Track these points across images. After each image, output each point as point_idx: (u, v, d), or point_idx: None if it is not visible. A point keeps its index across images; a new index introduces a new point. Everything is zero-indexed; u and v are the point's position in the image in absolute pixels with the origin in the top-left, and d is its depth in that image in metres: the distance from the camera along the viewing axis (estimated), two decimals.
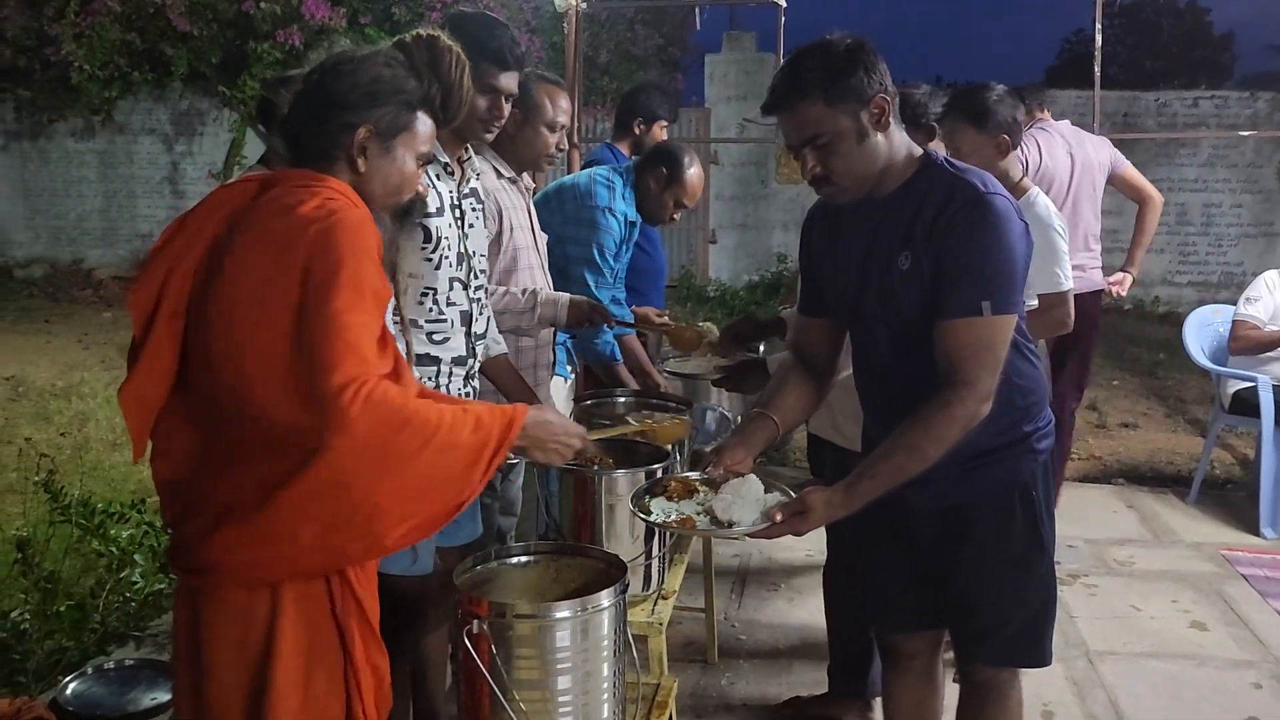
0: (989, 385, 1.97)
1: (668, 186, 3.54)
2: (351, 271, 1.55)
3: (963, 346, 1.97)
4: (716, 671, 3.54)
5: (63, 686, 2.46)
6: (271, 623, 1.61)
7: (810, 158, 2.01)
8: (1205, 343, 5.43)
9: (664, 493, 2.11)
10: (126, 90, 10.91)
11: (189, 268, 1.65)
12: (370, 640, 1.72)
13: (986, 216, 1.96)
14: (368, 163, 1.73)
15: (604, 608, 1.83)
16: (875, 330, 2.15)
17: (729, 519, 1.97)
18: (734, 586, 4.23)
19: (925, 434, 1.96)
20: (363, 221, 1.62)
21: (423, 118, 1.80)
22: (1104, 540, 4.72)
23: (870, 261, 2.09)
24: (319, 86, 1.73)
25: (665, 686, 2.31)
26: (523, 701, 1.78)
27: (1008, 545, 2.19)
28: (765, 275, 11.42)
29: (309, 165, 1.72)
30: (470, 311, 2.44)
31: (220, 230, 1.65)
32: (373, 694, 1.72)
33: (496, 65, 2.44)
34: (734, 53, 11.96)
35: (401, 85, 1.76)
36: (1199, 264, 10.99)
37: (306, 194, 1.63)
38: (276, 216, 1.61)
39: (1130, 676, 3.51)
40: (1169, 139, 10.72)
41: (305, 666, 1.63)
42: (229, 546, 1.59)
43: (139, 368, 1.64)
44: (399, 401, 1.53)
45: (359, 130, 1.71)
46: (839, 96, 1.95)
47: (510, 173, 2.90)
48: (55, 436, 5.95)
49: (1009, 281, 1.99)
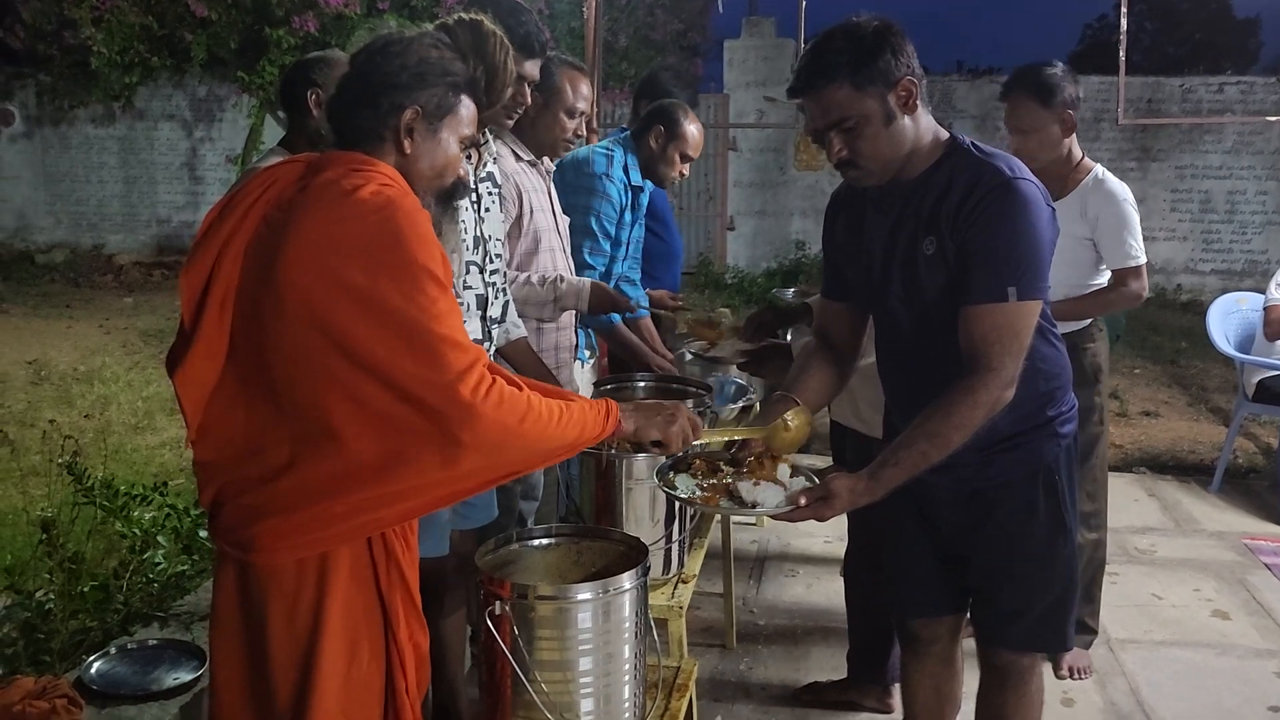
0: (1013, 371, 1.96)
1: (669, 142, 3.53)
2: (423, 261, 1.56)
3: (987, 332, 1.95)
4: (735, 656, 3.54)
5: (87, 666, 2.48)
6: (320, 598, 1.63)
7: (836, 141, 1.99)
8: (1230, 330, 5.38)
9: (689, 470, 2.10)
10: (146, 76, 10.97)
11: (239, 249, 1.65)
12: (413, 616, 1.74)
13: (1014, 201, 1.94)
14: (414, 144, 1.73)
15: (625, 590, 1.83)
16: (898, 315, 2.13)
17: (753, 500, 1.96)
18: (752, 572, 4.23)
19: (948, 420, 1.95)
20: (418, 208, 1.63)
21: (467, 101, 1.79)
22: (1126, 529, 4.69)
23: (895, 246, 2.08)
24: (368, 67, 1.73)
25: (685, 670, 2.31)
26: (544, 682, 1.78)
27: (1031, 530, 2.18)
28: (784, 262, 11.38)
29: (356, 147, 1.72)
30: (486, 295, 2.44)
31: (270, 211, 1.65)
32: (414, 670, 1.74)
33: (523, 52, 2.43)
34: (753, 38, 11.90)
35: (449, 67, 1.76)
36: (1222, 252, 10.89)
37: (361, 178, 1.63)
38: (336, 200, 1.60)
39: (1151, 665, 3.49)
40: (1193, 125, 10.61)
41: (351, 640, 1.65)
42: (273, 529, 1.61)
43: (195, 350, 1.65)
44: (519, 394, 1.60)
45: (406, 111, 1.70)
46: (866, 79, 1.93)
47: (529, 155, 2.90)
48: (78, 420, 6.00)
49: (1034, 267, 1.97)
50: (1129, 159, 10.67)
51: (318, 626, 1.63)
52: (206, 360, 1.65)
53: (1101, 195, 3.12)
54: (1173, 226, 10.76)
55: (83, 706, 2.27)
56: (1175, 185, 10.85)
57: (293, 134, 2.79)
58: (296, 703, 1.64)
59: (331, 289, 1.55)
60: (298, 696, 1.64)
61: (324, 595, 1.63)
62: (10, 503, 4.44)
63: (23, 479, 4.45)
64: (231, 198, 1.71)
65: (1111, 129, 10.63)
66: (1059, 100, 3.03)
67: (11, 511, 4.31)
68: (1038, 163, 2.98)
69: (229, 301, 1.64)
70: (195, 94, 12.54)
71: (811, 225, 11.53)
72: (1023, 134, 3.07)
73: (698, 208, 12.34)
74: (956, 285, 1.99)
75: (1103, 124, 10.67)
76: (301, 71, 2.74)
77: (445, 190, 1.81)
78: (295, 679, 1.64)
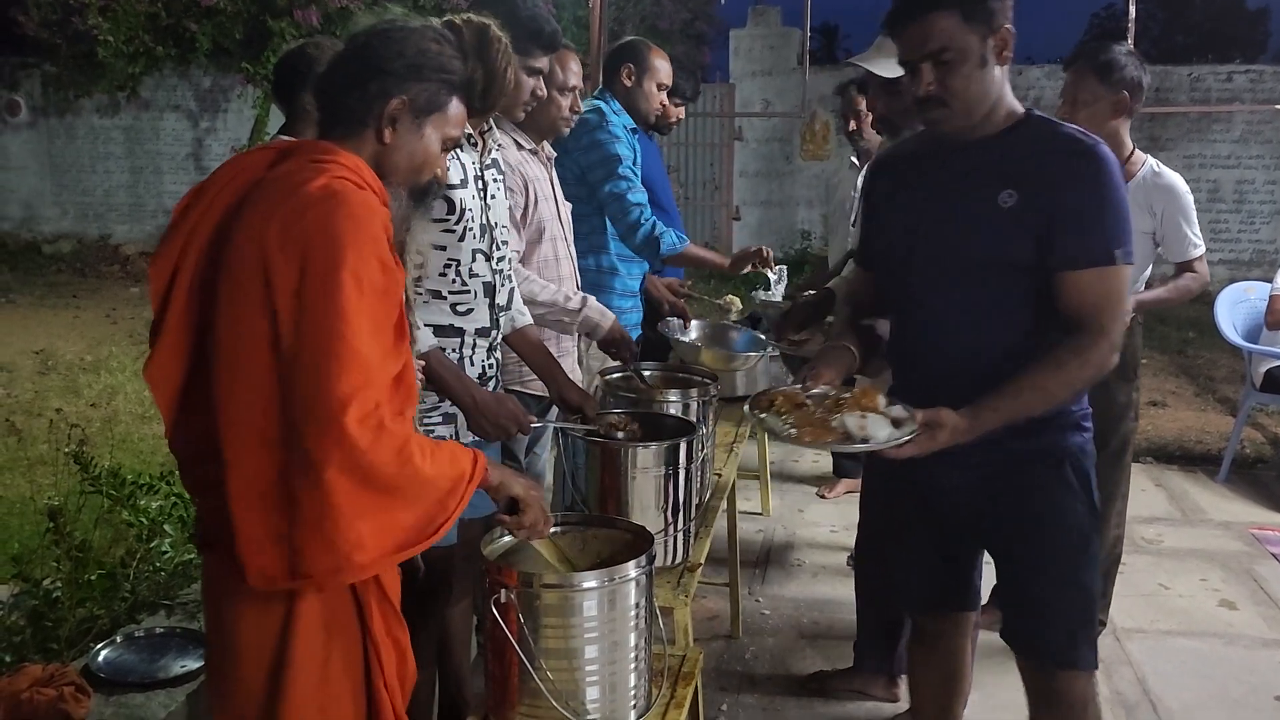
0: (1119, 335, 1.98)
1: (642, 75, 3.55)
2: (353, 265, 1.49)
3: (1097, 296, 1.96)
4: (741, 645, 3.54)
5: (94, 654, 2.49)
6: (291, 596, 1.60)
7: (927, 74, 1.95)
8: (1237, 320, 5.36)
9: (770, 408, 2.01)
10: (152, 66, 10.96)
11: (203, 240, 1.61)
12: (389, 614, 1.71)
13: (1104, 166, 1.96)
14: (395, 135, 1.68)
15: (631, 578, 1.82)
16: (924, 281, 2.09)
17: (864, 435, 1.89)
18: (758, 561, 4.23)
19: (1057, 375, 1.95)
20: (367, 205, 1.56)
21: (458, 101, 1.75)
22: (1133, 518, 4.65)
23: (958, 201, 2.04)
24: (364, 50, 1.69)
25: (691, 658, 2.31)
26: (550, 671, 1.78)
27: (1064, 520, 2.09)
28: (790, 252, 11.36)
29: (336, 129, 1.69)
30: (493, 283, 2.43)
31: (234, 199, 1.61)
32: (394, 667, 1.72)
33: (542, 48, 2.44)
34: (759, 27, 11.87)
35: (446, 64, 1.72)
36: (1230, 241, 10.84)
37: (314, 170, 1.58)
38: (285, 193, 1.56)
39: (1158, 655, 3.48)
40: (1202, 114, 10.55)
41: (324, 640, 1.62)
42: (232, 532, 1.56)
43: (161, 344, 1.61)
44: (393, 425, 1.49)
45: (393, 100, 1.66)
46: (975, 14, 1.91)
47: (531, 144, 2.89)
48: (85, 409, 6.01)
49: (1129, 232, 1.98)
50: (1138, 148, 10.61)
51: (289, 627, 1.60)
52: (172, 355, 1.61)
53: (1164, 189, 3.14)
54: None
55: (90, 694, 2.28)
56: (1183, 174, 10.66)
57: (293, 122, 2.78)
58: (269, 695, 1.61)
59: (257, 284, 1.51)
60: (270, 689, 1.61)
61: (295, 594, 1.60)
62: (18, 491, 4.46)
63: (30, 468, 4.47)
64: (201, 187, 1.66)
65: None
66: (1117, 78, 3.03)
67: (19, 500, 4.33)
68: None
69: (193, 294, 1.60)
70: (200, 84, 12.54)
71: (817, 215, 11.51)
72: (1073, 105, 3.07)
73: (703, 197, 12.32)
74: (1043, 245, 1.96)
75: None
76: (293, 59, 2.74)
77: (420, 188, 1.78)
78: (268, 680, 1.61)
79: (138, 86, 11.70)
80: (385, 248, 1.56)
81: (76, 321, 9.01)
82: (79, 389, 6.57)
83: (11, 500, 4.39)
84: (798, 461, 5.52)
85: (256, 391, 1.52)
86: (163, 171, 12.91)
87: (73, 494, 3.34)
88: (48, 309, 9.63)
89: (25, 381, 6.78)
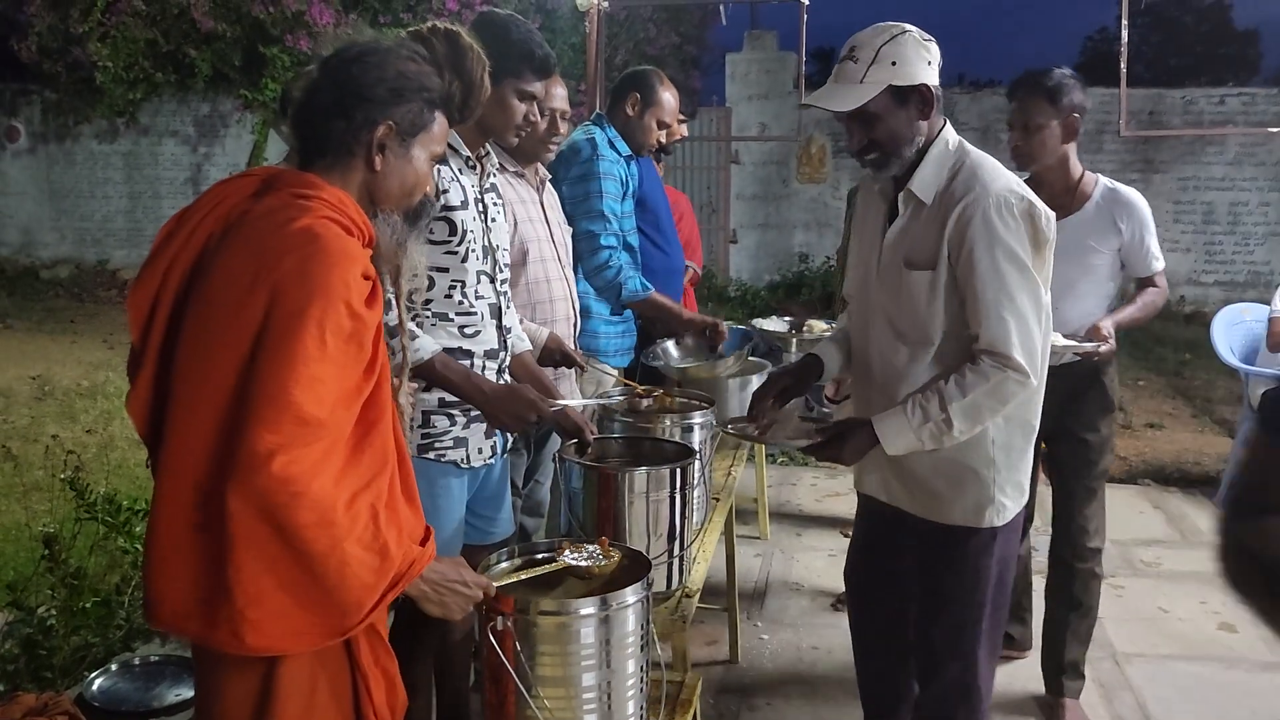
0: None
1: (646, 108, 3.55)
2: (318, 315, 1.46)
3: None
4: (740, 671, 3.52)
5: (89, 682, 2.47)
6: None
7: None
8: (1234, 342, 5.37)
9: None
10: (150, 92, 11.02)
11: (183, 270, 1.58)
12: (377, 644, 1.69)
13: None
14: (385, 161, 1.67)
15: (628, 604, 1.81)
16: None
17: None
18: (757, 586, 4.21)
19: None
20: (345, 251, 1.53)
21: (440, 117, 1.74)
22: (1131, 541, 4.67)
23: None
24: (341, 76, 1.66)
25: (689, 684, 2.30)
26: (547, 698, 1.77)
27: None
28: (787, 275, 11.38)
29: (322, 159, 1.66)
30: (498, 304, 2.44)
31: (217, 228, 1.58)
32: (384, 696, 1.70)
33: (534, 72, 2.43)
34: (755, 51, 11.93)
35: (425, 82, 1.70)
36: (1225, 263, 10.88)
37: (299, 209, 1.55)
38: (267, 232, 1.53)
39: (1158, 679, 3.47)
40: (1195, 137, 10.61)
41: (310, 670, 1.60)
42: None
43: (140, 376, 1.59)
44: (318, 489, 1.43)
45: (380, 127, 1.64)
46: None
47: (515, 166, 2.90)
48: (81, 435, 6.00)
49: None
50: (1131, 171, 10.67)
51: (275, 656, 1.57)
52: (149, 388, 1.59)
53: (1126, 204, 3.12)
54: (1175, 238, 10.75)
55: None
56: (1178, 197, 10.86)
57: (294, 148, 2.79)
58: None
59: (228, 322, 1.49)
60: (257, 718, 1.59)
61: None
62: (13, 518, 4.44)
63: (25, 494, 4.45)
64: (182, 215, 1.63)
65: (1113, 141, 10.63)
66: (1066, 102, 3.04)
67: (14, 527, 4.31)
68: (1038, 165, 3.07)
69: (171, 325, 1.58)
70: (199, 110, 12.60)
71: (814, 238, 11.54)
72: (1025, 131, 3.06)
73: (700, 221, 12.32)
74: None
75: (1105, 136, 10.67)
76: None
77: (413, 209, 1.76)
78: (254, 709, 1.59)
79: (136, 112, 11.76)
80: (358, 293, 1.52)
81: (74, 347, 9.00)
82: (75, 414, 6.56)
83: (6, 527, 4.37)
84: (795, 485, 5.51)
85: (199, 434, 1.49)
86: (161, 197, 12.93)
87: (68, 520, 3.33)
88: (45, 334, 9.63)
89: (21, 407, 6.77)
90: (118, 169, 13.01)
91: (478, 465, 2.40)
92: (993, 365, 2.12)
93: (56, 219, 13.21)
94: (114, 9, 9.79)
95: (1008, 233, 2.12)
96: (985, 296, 2.13)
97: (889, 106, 2.17)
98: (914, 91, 2.17)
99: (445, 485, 2.32)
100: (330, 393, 1.47)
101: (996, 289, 2.12)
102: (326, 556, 1.45)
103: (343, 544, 1.45)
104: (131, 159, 12.94)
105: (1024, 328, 2.13)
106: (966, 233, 2.13)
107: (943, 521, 2.31)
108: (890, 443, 2.18)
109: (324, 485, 1.44)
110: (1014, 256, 2.12)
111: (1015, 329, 2.12)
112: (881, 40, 2.17)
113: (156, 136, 12.78)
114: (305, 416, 1.44)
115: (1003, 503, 2.29)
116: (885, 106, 2.17)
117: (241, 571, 1.45)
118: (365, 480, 1.53)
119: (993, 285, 2.12)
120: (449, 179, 2.32)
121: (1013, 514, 2.32)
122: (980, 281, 2.13)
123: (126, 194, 13.03)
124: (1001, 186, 2.15)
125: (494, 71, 2.35)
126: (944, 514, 2.31)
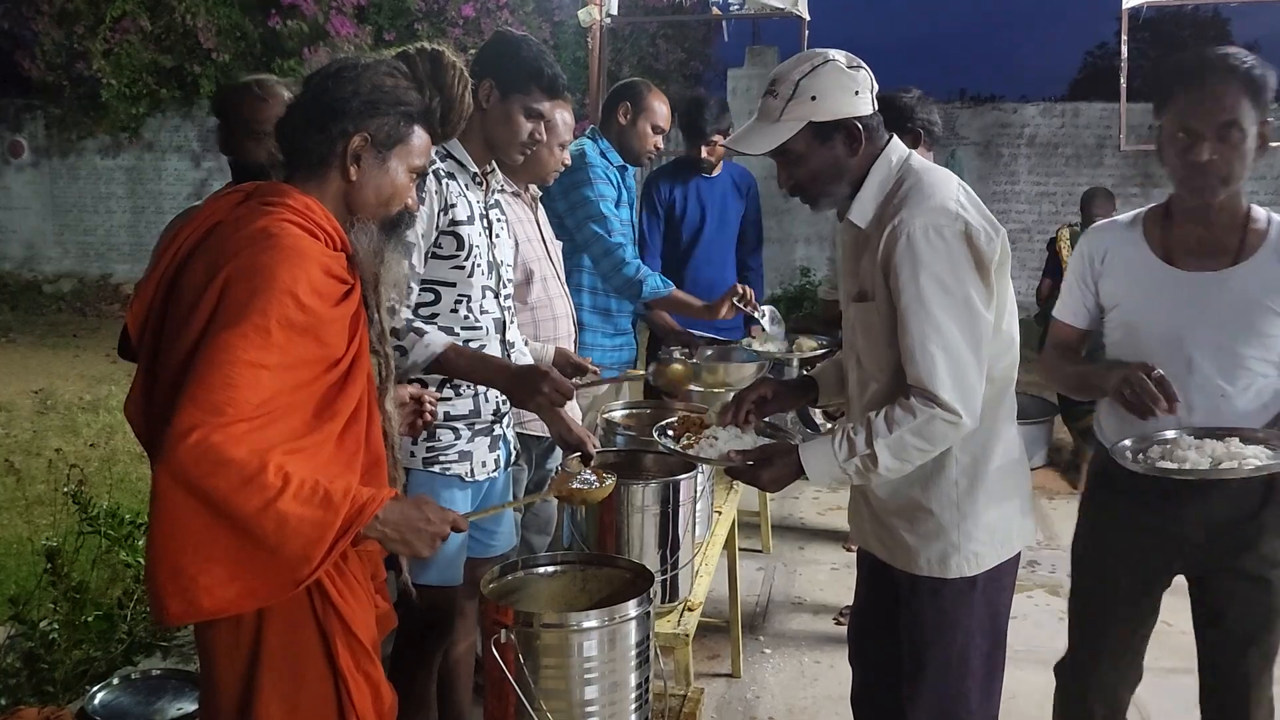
0: None
1: (638, 115, 3.58)
2: (262, 305, 1.51)
3: None
4: (742, 684, 3.51)
5: (90, 696, 2.47)
6: (258, 629, 1.62)
7: None
8: None
9: None
10: (154, 107, 11.08)
11: (171, 277, 1.65)
12: (358, 650, 1.70)
13: None
14: (360, 171, 1.73)
15: (631, 617, 1.81)
16: None
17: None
18: (759, 599, 4.20)
19: None
20: (298, 247, 1.58)
21: (420, 131, 1.79)
22: None
23: None
24: (319, 91, 1.73)
25: (692, 698, 2.30)
26: (550, 711, 1.77)
27: None
28: (789, 289, 11.39)
29: (301, 171, 1.73)
30: (503, 319, 2.45)
31: (198, 239, 1.66)
32: (369, 702, 1.71)
33: (542, 90, 2.43)
34: (756, 67, 11.97)
35: (402, 96, 1.76)
36: None
37: (261, 213, 1.62)
38: (230, 233, 1.61)
39: (1161, 692, 3.44)
40: None
41: (291, 671, 1.64)
42: None
43: (135, 380, 1.66)
44: (240, 456, 1.46)
45: (355, 138, 1.70)
46: None
47: (513, 186, 2.90)
48: (83, 449, 6.01)
49: None
50: (1131, 185, 10.69)
51: (257, 660, 1.62)
52: (139, 390, 1.66)
53: None
54: None
55: None
56: None
57: None
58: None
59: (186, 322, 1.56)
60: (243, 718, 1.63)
61: (263, 627, 1.62)
62: (15, 532, 4.44)
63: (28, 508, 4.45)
64: (179, 229, 1.70)
65: (1114, 155, 10.66)
66: (1265, 99, 2.25)
67: (16, 541, 4.31)
68: (1230, 189, 2.34)
69: (155, 329, 1.65)
70: (203, 125, 12.63)
71: (816, 252, 11.55)
72: (1220, 139, 2.26)
73: None
74: None
75: (1105, 150, 10.70)
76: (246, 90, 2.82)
77: (391, 219, 1.80)
78: (238, 713, 1.63)
79: (140, 128, 11.82)
80: (308, 288, 1.56)
81: (76, 361, 9.02)
82: (78, 428, 6.57)
83: (9, 541, 4.37)
84: (798, 499, 5.50)
85: None
86: (165, 211, 12.95)
87: (70, 534, 3.33)
88: (48, 348, 9.65)
89: (24, 421, 6.78)
90: (121, 184, 13.06)
91: (481, 479, 2.40)
92: (920, 403, 1.91)
93: (60, 233, 13.25)
94: (119, 27, 9.86)
95: (935, 258, 1.90)
96: (911, 328, 1.92)
97: (810, 144, 1.98)
98: (838, 127, 1.97)
99: (449, 498, 2.33)
100: (272, 380, 1.51)
101: (922, 320, 1.90)
102: (260, 515, 1.48)
103: (275, 504, 1.48)
104: (135, 174, 12.99)
105: (954, 362, 1.90)
106: (891, 259, 1.93)
107: (908, 570, 2.10)
108: (813, 472, 1.99)
109: (246, 454, 1.47)
110: (941, 283, 1.90)
111: (943, 364, 1.90)
112: (800, 73, 1.96)
113: (160, 152, 12.83)
114: (235, 399, 1.48)
115: (973, 552, 2.05)
116: (806, 144, 1.98)
117: (173, 541, 1.49)
118: (323, 472, 1.55)
119: (918, 316, 1.91)
120: (456, 194, 2.34)
121: (995, 562, 2.08)
122: (906, 312, 1.92)
123: (130, 209, 13.07)
124: (934, 205, 1.93)
125: (503, 88, 2.37)
126: (910, 562, 2.09)
